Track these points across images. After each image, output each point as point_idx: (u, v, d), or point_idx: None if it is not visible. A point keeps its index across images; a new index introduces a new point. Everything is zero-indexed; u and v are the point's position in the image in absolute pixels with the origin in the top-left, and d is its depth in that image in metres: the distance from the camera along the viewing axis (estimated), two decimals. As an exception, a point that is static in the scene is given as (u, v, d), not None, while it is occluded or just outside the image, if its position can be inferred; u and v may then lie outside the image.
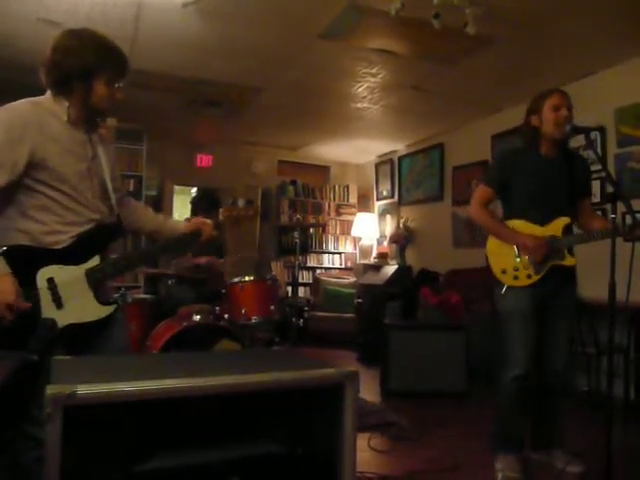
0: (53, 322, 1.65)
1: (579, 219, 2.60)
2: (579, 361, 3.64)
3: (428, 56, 4.11)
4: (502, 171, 2.58)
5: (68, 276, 1.71)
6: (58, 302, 1.69)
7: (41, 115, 1.70)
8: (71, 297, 1.71)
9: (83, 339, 1.76)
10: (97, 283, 1.77)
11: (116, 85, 1.80)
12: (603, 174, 3.97)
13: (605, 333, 2.27)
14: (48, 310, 1.67)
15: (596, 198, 4.21)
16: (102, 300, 1.80)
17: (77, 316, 1.72)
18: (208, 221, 2.10)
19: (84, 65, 1.71)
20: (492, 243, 2.59)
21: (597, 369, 3.61)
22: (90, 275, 1.76)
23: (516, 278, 2.47)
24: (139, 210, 2.12)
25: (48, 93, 1.76)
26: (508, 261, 2.50)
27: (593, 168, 4.12)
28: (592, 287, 3.14)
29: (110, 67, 1.77)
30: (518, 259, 2.48)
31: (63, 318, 1.69)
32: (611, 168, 4.06)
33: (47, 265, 1.69)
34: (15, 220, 1.69)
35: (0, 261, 1.60)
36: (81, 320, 1.73)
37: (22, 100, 1.71)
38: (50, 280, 1.69)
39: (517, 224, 2.52)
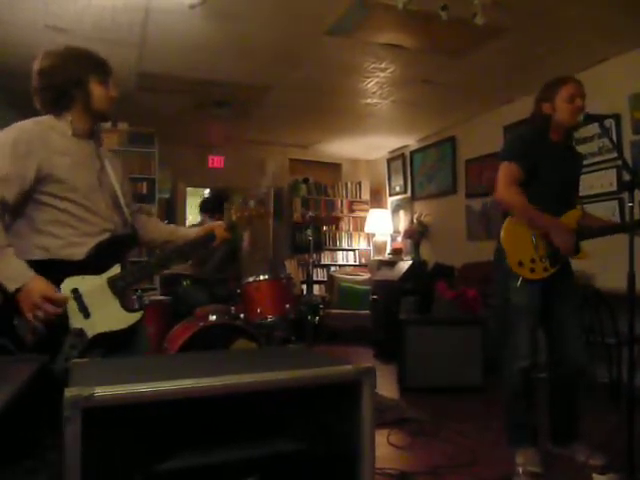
0: (81, 331, 1.67)
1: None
2: (599, 352, 3.59)
3: (437, 49, 4.08)
4: (528, 152, 2.43)
5: (91, 286, 1.73)
6: (85, 312, 1.71)
7: (45, 131, 1.73)
8: (97, 306, 1.73)
9: (113, 347, 1.77)
10: (121, 291, 1.79)
11: (108, 84, 1.85)
12: (619, 162, 3.92)
13: (625, 323, 2.23)
14: (76, 320, 1.69)
15: (613, 187, 4.15)
16: (128, 307, 1.81)
17: (106, 325, 1.74)
18: (219, 223, 2.12)
19: (76, 74, 1.77)
20: (507, 232, 2.47)
21: (618, 360, 3.56)
22: (113, 283, 1.77)
23: (533, 271, 2.41)
24: (150, 223, 2.15)
25: (49, 115, 1.79)
26: (525, 252, 2.42)
27: (608, 156, 4.14)
28: (611, 277, 3.10)
29: (96, 67, 1.82)
30: (535, 250, 2.42)
31: (92, 328, 1.70)
32: (627, 155, 3.99)
33: (69, 276, 1.70)
34: (30, 237, 1.70)
35: (23, 266, 1.61)
36: (111, 329, 1.74)
37: (26, 120, 1.74)
38: (74, 291, 1.70)
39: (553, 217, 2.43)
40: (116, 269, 1.79)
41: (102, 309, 1.74)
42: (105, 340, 1.74)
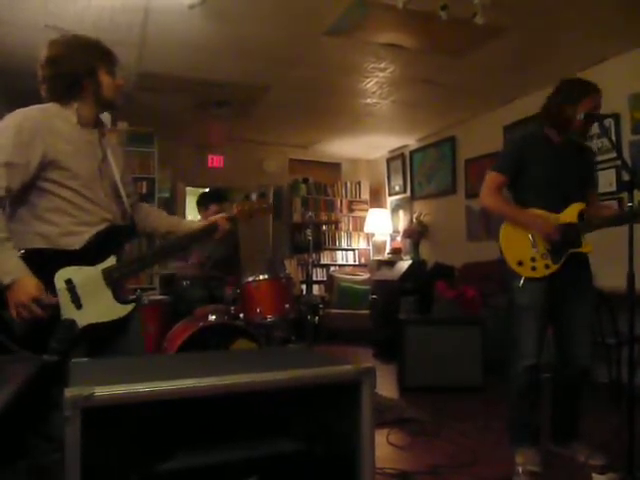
0: (73, 322, 1.67)
1: (588, 210, 2.53)
2: (599, 352, 3.58)
3: (437, 49, 4.08)
4: (515, 158, 2.51)
5: (86, 276, 1.74)
6: (77, 303, 1.71)
7: (50, 118, 1.74)
8: (90, 297, 1.74)
9: (101, 341, 1.78)
10: (114, 282, 1.79)
11: (114, 73, 1.87)
12: (618, 162, 3.92)
13: (625, 323, 2.23)
14: (68, 311, 1.69)
15: (612, 187, 4.15)
16: (121, 299, 1.81)
17: (96, 316, 1.74)
18: (222, 215, 2.11)
19: (87, 63, 1.78)
20: (506, 233, 2.51)
21: (618, 360, 3.56)
22: (107, 275, 1.78)
23: (534, 269, 2.42)
24: (153, 213, 2.15)
25: (53, 103, 1.80)
26: (524, 252, 2.44)
27: (608, 156, 4.14)
28: (611, 276, 3.10)
29: (104, 57, 1.84)
30: (534, 249, 2.43)
31: (83, 318, 1.71)
32: (626, 155, 4.00)
33: (64, 266, 1.71)
34: (30, 224, 1.71)
35: (20, 262, 1.62)
36: (101, 320, 1.75)
37: (31, 106, 1.75)
38: (68, 281, 1.71)
39: (534, 211, 2.47)
40: (111, 260, 1.79)
41: (94, 300, 1.74)
42: (95, 332, 1.74)
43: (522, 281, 2.42)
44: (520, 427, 2.49)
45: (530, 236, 2.44)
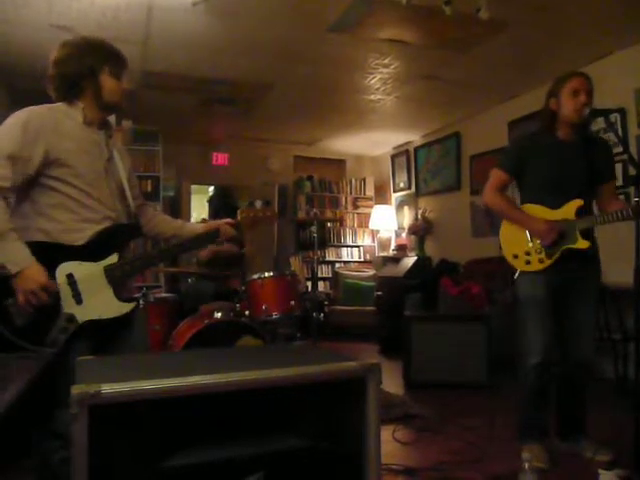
0: (72, 316, 1.69)
1: (599, 203, 2.56)
2: (605, 347, 3.57)
3: (441, 44, 4.06)
4: (518, 156, 2.55)
5: (87, 272, 1.74)
6: (78, 298, 1.72)
7: (57, 117, 1.76)
8: (91, 293, 1.74)
9: (104, 338, 1.79)
10: (116, 280, 1.80)
11: (122, 76, 1.88)
12: (625, 156, 3.89)
13: (632, 318, 2.22)
14: (68, 306, 1.70)
15: (618, 182, 4.10)
16: (122, 297, 1.82)
17: (97, 312, 1.75)
18: (227, 220, 2.11)
19: (88, 64, 1.80)
20: (505, 228, 2.58)
21: (624, 355, 3.55)
22: (109, 272, 1.78)
23: (528, 263, 2.46)
24: (157, 216, 2.17)
25: (61, 102, 1.82)
26: (520, 246, 2.49)
27: (614, 151, 4.10)
28: (618, 272, 3.08)
29: (110, 59, 1.85)
30: (530, 244, 2.46)
31: (83, 314, 1.72)
32: (633, 150, 3.97)
33: (66, 261, 1.72)
34: (32, 219, 1.73)
35: (27, 251, 1.64)
36: (101, 316, 1.75)
37: (39, 105, 1.77)
38: (69, 276, 1.72)
39: (532, 208, 2.50)
40: (113, 258, 1.80)
41: (95, 296, 1.75)
42: (96, 329, 1.75)
43: (517, 274, 2.50)
44: (528, 424, 2.50)
45: (527, 231, 2.49)
